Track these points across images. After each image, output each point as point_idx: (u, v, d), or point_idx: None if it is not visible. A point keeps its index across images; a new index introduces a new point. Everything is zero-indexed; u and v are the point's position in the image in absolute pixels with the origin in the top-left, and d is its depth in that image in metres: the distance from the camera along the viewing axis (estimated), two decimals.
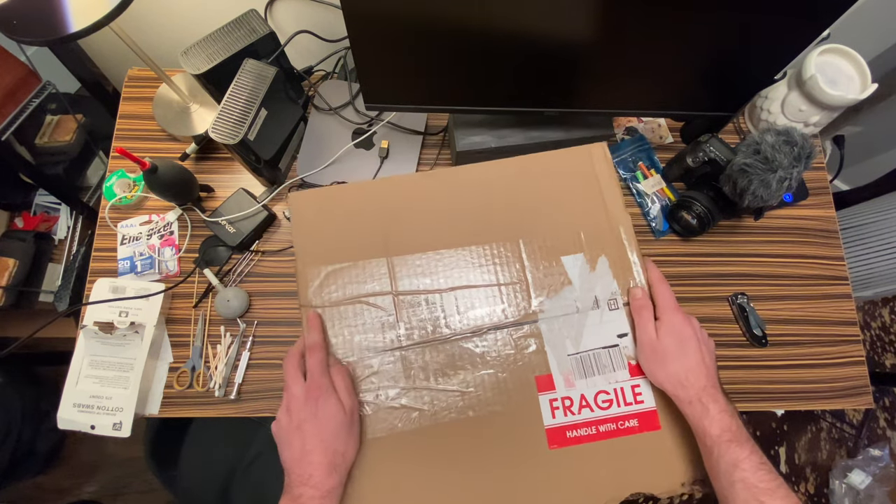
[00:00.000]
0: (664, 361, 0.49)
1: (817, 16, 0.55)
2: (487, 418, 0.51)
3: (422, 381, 0.52)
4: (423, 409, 0.51)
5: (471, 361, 0.52)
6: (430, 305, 0.53)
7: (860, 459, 1.37)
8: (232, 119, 0.65)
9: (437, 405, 0.51)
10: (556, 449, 0.50)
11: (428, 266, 0.54)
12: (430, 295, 0.54)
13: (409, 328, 0.53)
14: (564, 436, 0.50)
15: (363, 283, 0.54)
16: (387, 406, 0.51)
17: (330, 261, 0.54)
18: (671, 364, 0.48)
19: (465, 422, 0.51)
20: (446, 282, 0.54)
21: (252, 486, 0.78)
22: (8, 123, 0.96)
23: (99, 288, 0.70)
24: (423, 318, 0.53)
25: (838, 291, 0.77)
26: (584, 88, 0.67)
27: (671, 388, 0.48)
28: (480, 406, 0.51)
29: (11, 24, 0.57)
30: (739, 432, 0.44)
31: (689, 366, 0.48)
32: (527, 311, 0.53)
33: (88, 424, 0.65)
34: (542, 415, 0.51)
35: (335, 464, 0.45)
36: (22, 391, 1.21)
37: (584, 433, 0.50)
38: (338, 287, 0.54)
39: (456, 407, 0.51)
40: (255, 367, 0.71)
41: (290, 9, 0.86)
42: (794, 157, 0.63)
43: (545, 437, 0.50)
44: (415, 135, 0.79)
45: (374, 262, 0.54)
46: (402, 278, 0.54)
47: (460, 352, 0.52)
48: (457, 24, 0.54)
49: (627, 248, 0.55)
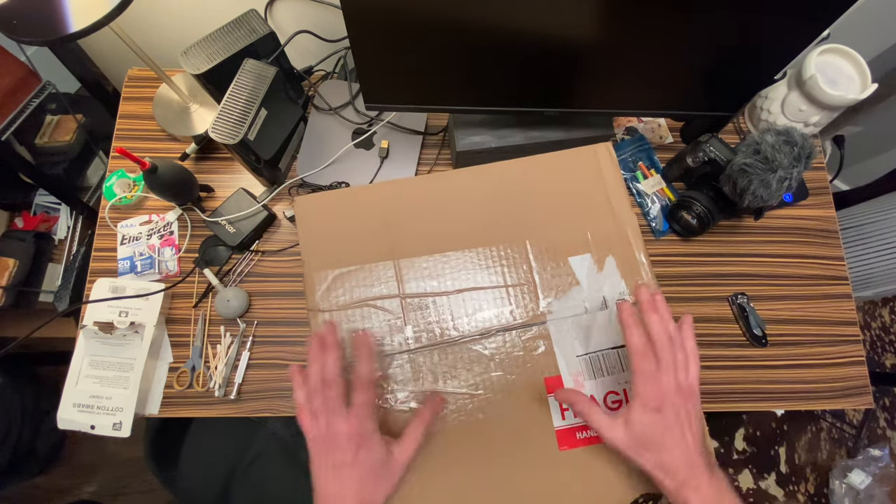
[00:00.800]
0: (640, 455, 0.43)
1: (817, 16, 0.55)
2: (497, 420, 0.50)
3: (431, 383, 0.51)
4: None
5: (479, 364, 0.52)
6: (438, 308, 0.53)
7: (860, 459, 1.37)
8: (232, 119, 0.65)
9: (446, 407, 0.51)
10: (566, 450, 0.50)
11: (435, 268, 0.54)
12: (437, 297, 0.53)
13: (418, 331, 0.53)
14: (574, 437, 0.50)
15: (370, 286, 0.54)
16: (396, 409, 0.51)
17: (337, 264, 0.54)
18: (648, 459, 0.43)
19: (474, 424, 0.50)
20: (454, 284, 0.54)
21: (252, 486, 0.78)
22: (8, 123, 0.96)
23: (99, 288, 0.70)
24: (430, 321, 0.53)
25: (838, 291, 0.77)
26: (584, 88, 0.67)
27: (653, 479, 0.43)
28: (490, 408, 0.51)
29: (11, 24, 0.57)
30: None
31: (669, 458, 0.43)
32: (535, 312, 0.53)
33: (88, 424, 0.65)
34: (552, 416, 0.50)
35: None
36: (22, 391, 1.21)
37: (594, 434, 0.50)
38: (345, 290, 0.54)
39: (465, 409, 0.51)
40: (255, 367, 0.71)
41: (290, 9, 0.86)
42: (794, 157, 0.63)
43: (555, 439, 0.50)
44: (415, 135, 0.79)
45: (381, 266, 0.54)
46: (410, 281, 0.54)
47: (469, 354, 0.52)
48: (457, 24, 0.54)
49: (635, 248, 0.55)
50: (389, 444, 0.45)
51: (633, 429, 0.43)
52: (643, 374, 0.43)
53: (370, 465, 0.43)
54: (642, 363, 0.44)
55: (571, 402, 0.47)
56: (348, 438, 0.43)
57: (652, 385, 0.43)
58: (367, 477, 0.43)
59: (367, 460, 0.43)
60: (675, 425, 0.43)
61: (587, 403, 0.46)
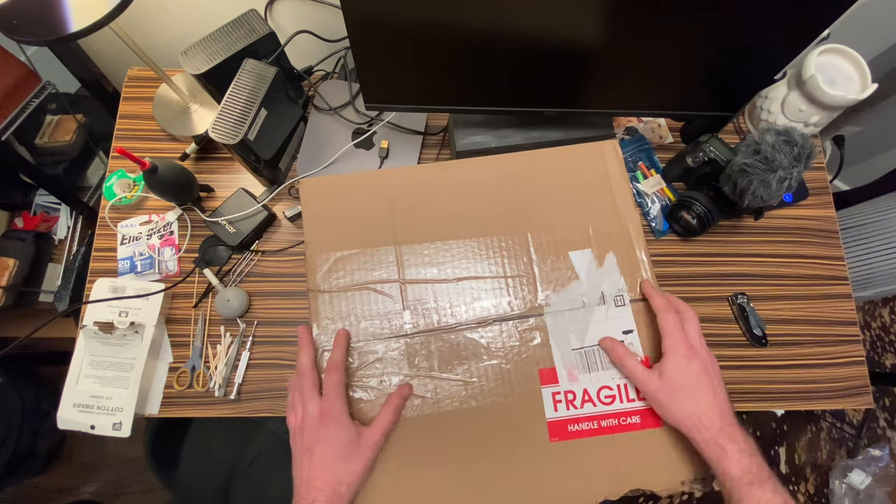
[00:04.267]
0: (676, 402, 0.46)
1: (817, 16, 0.55)
2: (490, 409, 0.51)
3: (425, 369, 0.52)
4: (425, 397, 0.51)
5: (475, 352, 0.52)
6: (437, 295, 0.54)
7: (860, 459, 1.37)
8: (232, 119, 0.65)
9: (440, 393, 0.51)
10: (557, 442, 0.50)
11: (436, 256, 0.55)
12: (436, 284, 0.54)
13: (415, 316, 0.53)
14: (566, 429, 0.50)
15: (371, 270, 0.54)
16: (390, 392, 0.51)
17: (339, 247, 0.55)
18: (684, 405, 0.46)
19: (467, 411, 0.51)
20: (453, 272, 0.54)
21: (252, 486, 0.79)
22: (8, 123, 0.96)
23: (99, 288, 0.70)
24: (428, 307, 0.53)
25: (838, 291, 0.77)
26: (584, 88, 0.67)
27: (686, 430, 0.46)
28: (483, 396, 0.51)
29: (11, 24, 0.57)
30: (760, 472, 0.42)
31: (703, 406, 0.46)
32: (533, 304, 0.54)
33: (88, 424, 0.65)
34: (545, 407, 0.51)
35: (338, 493, 0.45)
36: (22, 391, 1.21)
37: (586, 427, 0.50)
38: (346, 273, 0.54)
39: (459, 396, 0.51)
40: (254, 367, 0.71)
41: (290, 9, 0.86)
42: (794, 157, 0.63)
43: (547, 430, 0.50)
44: (415, 135, 0.79)
45: (383, 250, 0.55)
46: (410, 267, 0.54)
47: (465, 342, 0.53)
48: (457, 24, 0.54)
49: (636, 246, 0.55)
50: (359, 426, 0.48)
51: (667, 377, 0.47)
52: (671, 327, 0.49)
53: (339, 443, 0.46)
54: (668, 316, 0.49)
55: (610, 349, 0.51)
56: (320, 417, 0.46)
57: (680, 336, 0.48)
58: (337, 455, 0.45)
59: (337, 439, 0.46)
60: (704, 376, 0.47)
61: (625, 352, 0.50)
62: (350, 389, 0.51)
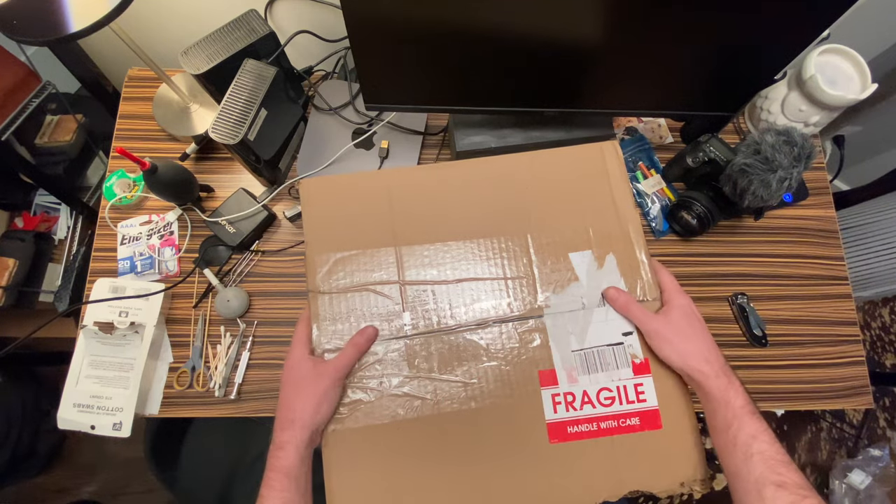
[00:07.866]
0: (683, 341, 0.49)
1: (817, 16, 0.55)
2: (489, 410, 0.51)
3: (425, 370, 0.52)
4: (425, 398, 0.51)
5: (475, 353, 0.52)
6: (437, 296, 0.54)
7: (860, 459, 1.37)
8: (232, 119, 0.65)
9: (439, 395, 0.51)
10: (556, 443, 0.50)
11: (435, 257, 0.55)
12: (436, 286, 0.54)
13: (415, 318, 0.53)
14: (565, 431, 0.50)
15: (371, 271, 0.54)
16: (390, 393, 0.51)
17: (339, 248, 0.55)
18: (692, 343, 0.49)
19: (466, 412, 0.51)
20: (453, 273, 0.54)
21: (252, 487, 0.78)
22: (8, 123, 0.96)
23: (99, 288, 0.70)
24: (428, 309, 0.53)
25: (838, 291, 0.77)
26: (584, 88, 0.67)
27: (696, 363, 0.48)
28: (483, 398, 0.51)
29: (11, 24, 0.57)
30: (756, 407, 0.46)
31: (708, 343, 0.49)
32: (532, 305, 0.54)
33: (88, 424, 0.65)
34: (544, 409, 0.51)
35: (290, 419, 0.47)
36: (22, 391, 1.21)
37: (585, 429, 0.50)
38: (346, 274, 0.54)
39: (458, 397, 0.51)
40: (255, 367, 0.71)
41: (290, 9, 0.86)
42: (794, 157, 0.63)
43: (546, 431, 0.50)
44: (415, 135, 0.79)
45: (383, 251, 0.55)
46: (410, 268, 0.54)
47: (465, 343, 0.53)
48: (457, 24, 0.54)
49: (636, 247, 0.55)
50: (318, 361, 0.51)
51: (670, 320, 0.50)
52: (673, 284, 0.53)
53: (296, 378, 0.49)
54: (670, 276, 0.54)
55: (613, 298, 0.53)
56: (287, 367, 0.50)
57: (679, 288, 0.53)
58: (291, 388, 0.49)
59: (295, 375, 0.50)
60: (699, 325, 0.51)
61: (629, 298, 0.52)
62: (350, 390, 0.51)
